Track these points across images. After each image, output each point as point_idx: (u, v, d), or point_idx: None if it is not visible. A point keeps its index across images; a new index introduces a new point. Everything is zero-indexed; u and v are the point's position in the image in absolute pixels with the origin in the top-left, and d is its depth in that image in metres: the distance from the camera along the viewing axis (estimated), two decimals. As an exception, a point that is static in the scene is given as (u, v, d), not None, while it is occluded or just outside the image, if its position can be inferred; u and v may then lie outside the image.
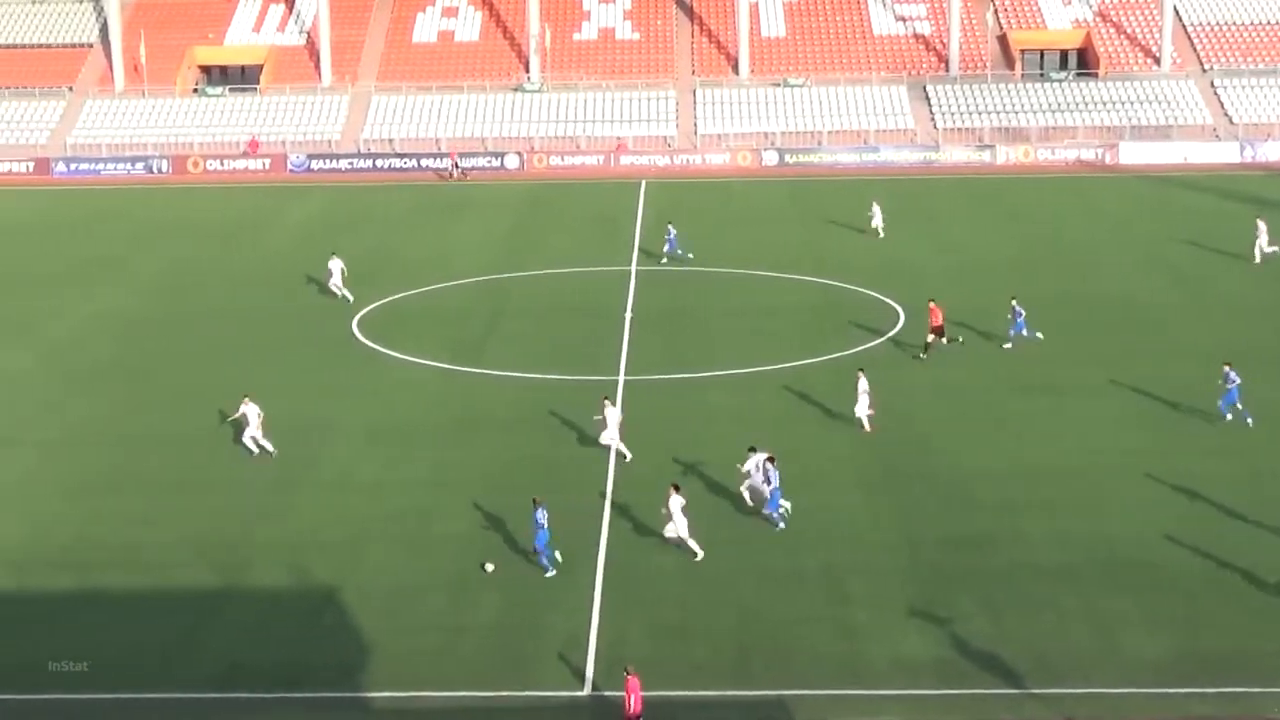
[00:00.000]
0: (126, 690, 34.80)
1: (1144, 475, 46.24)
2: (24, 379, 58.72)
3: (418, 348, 61.50)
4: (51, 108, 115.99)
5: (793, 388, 55.79)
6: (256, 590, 39.98)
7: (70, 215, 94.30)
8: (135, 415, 54.10)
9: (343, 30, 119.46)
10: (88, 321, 67.31)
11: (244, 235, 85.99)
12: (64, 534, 43.61)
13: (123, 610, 38.87)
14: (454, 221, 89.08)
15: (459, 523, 43.91)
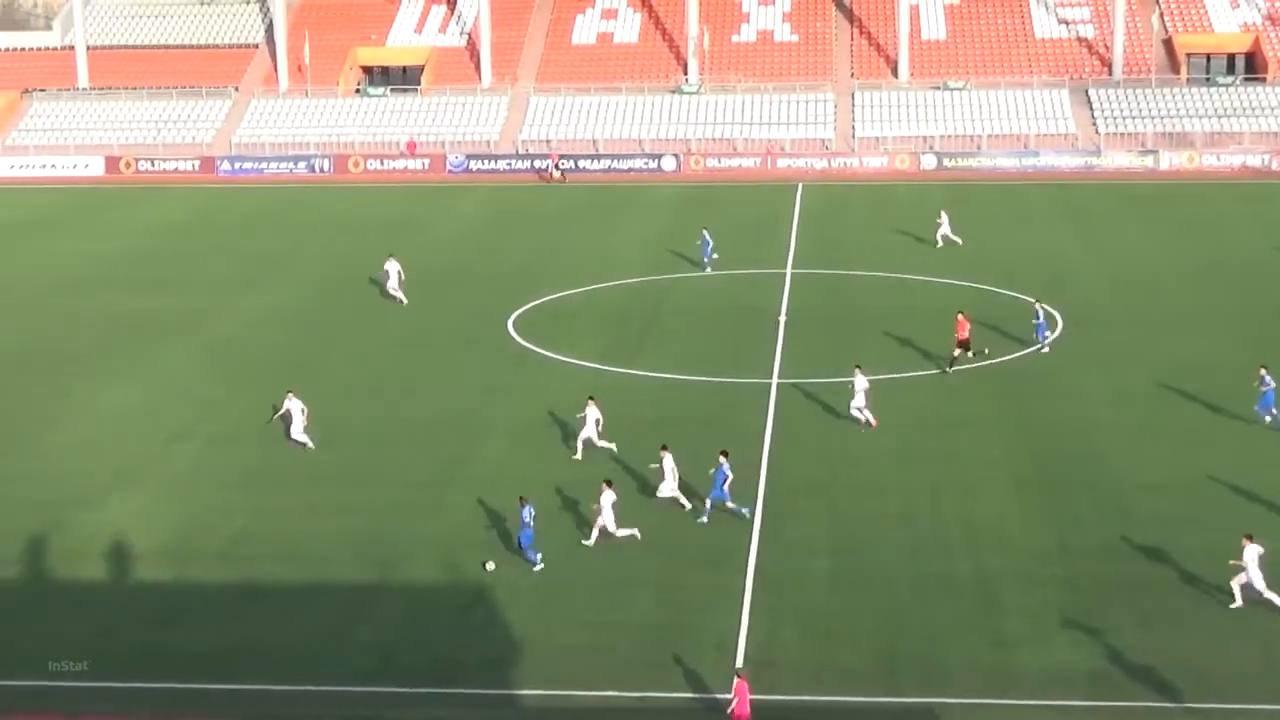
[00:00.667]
0: (282, 681, 35.27)
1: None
2: (191, 374, 59.72)
3: (572, 347, 61.74)
4: (217, 107, 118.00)
5: (946, 393, 55.30)
6: (410, 585, 40.32)
7: (234, 213, 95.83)
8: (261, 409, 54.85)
9: (503, 31, 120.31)
10: (251, 318, 68.33)
11: (403, 234, 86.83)
12: (228, 527, 44.30)
13: (281, 602, 39.40)
14: (611, 222, 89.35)
15: (610, 522, 43.99)
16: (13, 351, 63.31)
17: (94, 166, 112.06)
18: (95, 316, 68.49)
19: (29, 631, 38.11)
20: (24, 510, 45.24)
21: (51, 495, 46.47)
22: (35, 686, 35.27)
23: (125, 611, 39.15)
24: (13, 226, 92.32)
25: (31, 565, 41.99)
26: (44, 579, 41.24)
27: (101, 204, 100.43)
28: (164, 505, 45.81)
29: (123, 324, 67.13)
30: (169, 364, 61.22)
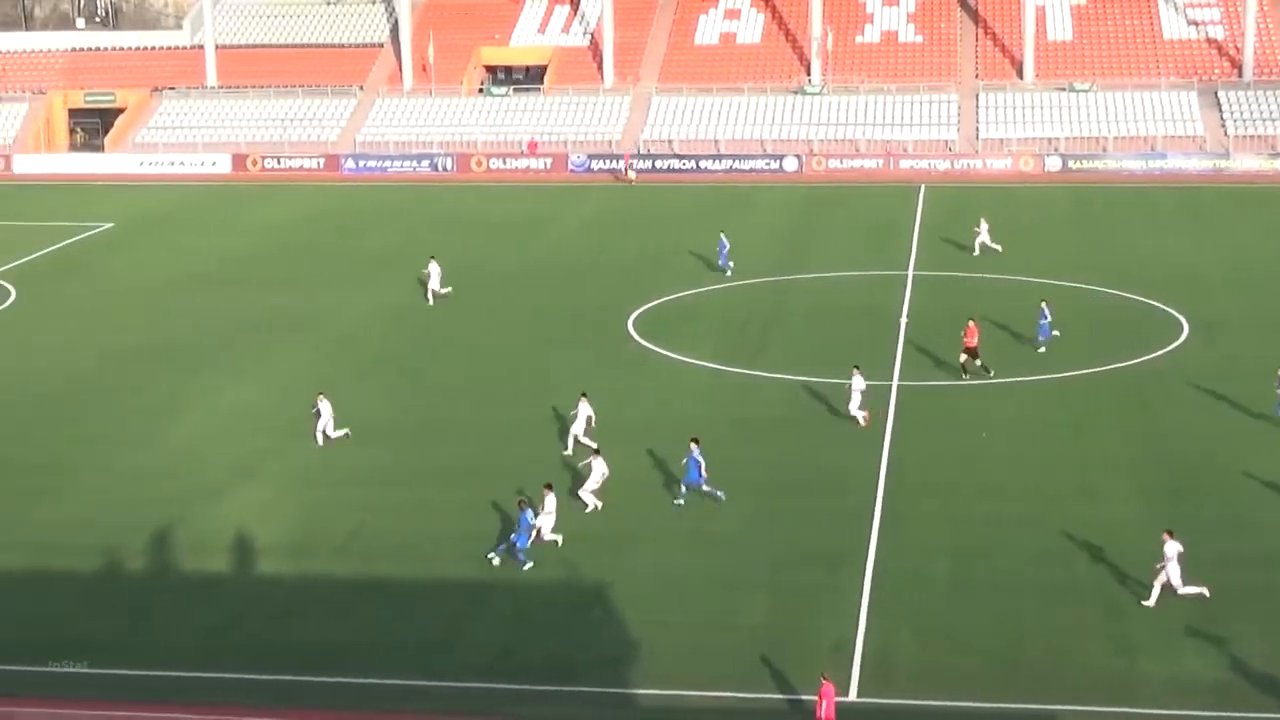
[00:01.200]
0: (399, 676, 35.48)
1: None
2: (311, 370, 60.24)
3: (692, 348, 61.68)
4: (342, 106, 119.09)
5: (1069, 397, 54.70)
6: (525, 582, 40.40)
7: (356, 211, 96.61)
8: (415, 407, 55.16)
9: (626, 32, 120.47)
10: (372, 315, 68.83)
11: (524, 233, 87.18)
12: (344, 522, 44.64)
13: (397, 598, 39.63)
14: (732, 223, 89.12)
15: (727, 522, 43.90)
16: (141, 346, 64.18)
17: (221, 164, 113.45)
18: (221, 312, 69.27)
19: (153, 622, 38.61)
20: (149, 503, 45.85)
21: (175, 489, 47.05)
22: (158, 677, 35.74)
23: (246, 604, 39.57)
24: (142, 223, 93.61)
25: (156, 557, 42.54)
26: (168, 571, 41.76)
27: (228, 201, 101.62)
28: (283, 500, 46.26)
29: (247, 320, 67.86)
30: (291, 360, 61.81)
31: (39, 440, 52.39)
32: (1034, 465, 47.96)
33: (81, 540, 43.45)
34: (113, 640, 37.57)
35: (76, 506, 46.01)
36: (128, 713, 34.14)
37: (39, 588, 40.73)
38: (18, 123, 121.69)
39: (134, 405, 56.17)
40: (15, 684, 35.46)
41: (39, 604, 39.80)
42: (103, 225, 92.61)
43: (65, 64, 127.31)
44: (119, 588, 40.84)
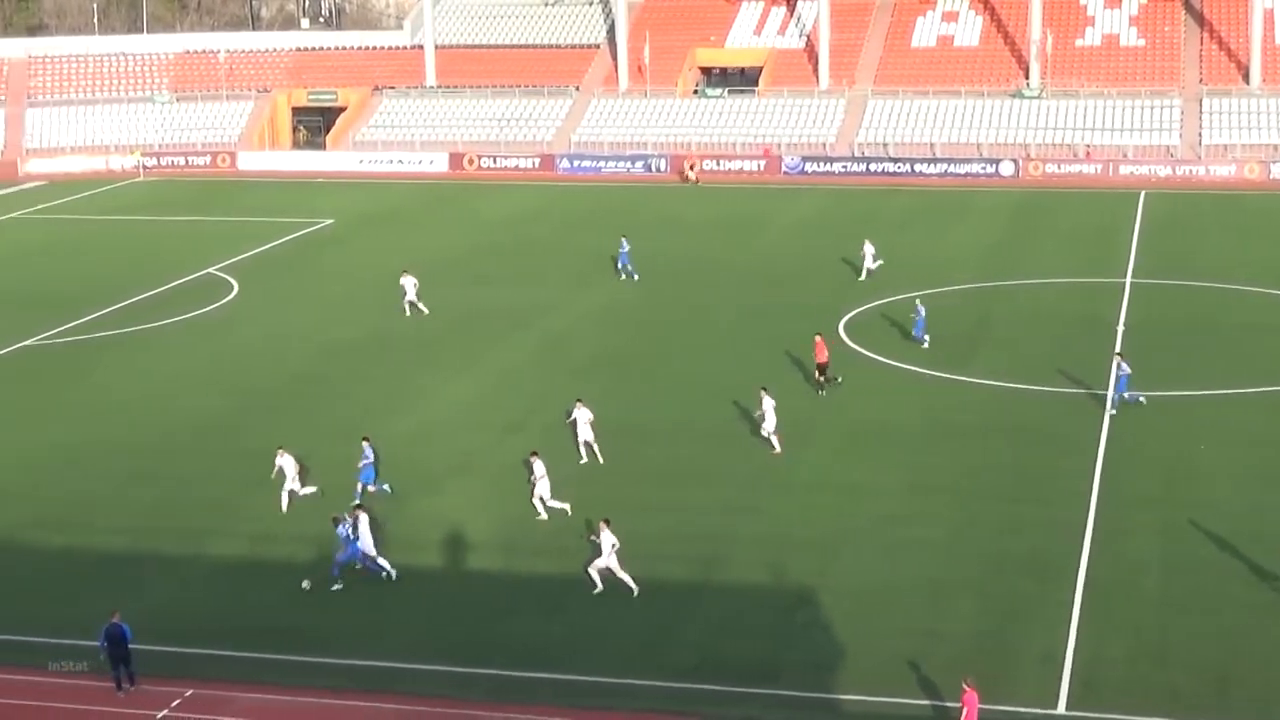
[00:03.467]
0: (607, 674, 35.79)
1: None
2: (527, 368, 60.92)
3: (902, 352, 61.29)
4: (558, 106, 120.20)
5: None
6: (734, 584, 40.54)
7: (571, 210, 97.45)
8: (625, 406, 55.48)
9: (842, 34, 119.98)
10: (587, 313, 69.39)
11: (737, 234, 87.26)
12: (554, 521, 45.09)
13: (608, 596, 39.95)
14: (947, 227, 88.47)
15: (934, 528, 43.62)
16: (360, 341, 65.42)
17: (438, 163, 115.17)
18: (439, 309, 70.27)
19: (370, 614, 39.36)
20: (366, 496, 46.67)
21: (392, 481, 47.84)
22: (372, 667, 36.45)
23: (460, 598, 40.18)
24: (361, 219, 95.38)
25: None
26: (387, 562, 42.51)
27: (445, 199, 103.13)
28: (496, 495, 46.86)
29: (464, 317, 68.82)
30: (506, 357, 62.56)
31: (258, 431, 53.63)
32: (1255, 480, 46.91)
33: (302, 530, 44.47)
34: (327, 630, 38.38)
35: (302, 498, 46.97)
36: (342, 701, 34.89)
37: (256, 577, 41.73)
38: (243, 120, 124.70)
39: (352, 399, 57.27)
40: (231, 670, 36.38)
41: (256, 593, 40.79)
42: (323, 222, 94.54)
43: (290, 63, 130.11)
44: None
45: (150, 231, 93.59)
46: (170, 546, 43.64)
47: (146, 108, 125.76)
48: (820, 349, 56.96)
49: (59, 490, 48.02)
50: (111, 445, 52.49)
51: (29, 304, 72.75)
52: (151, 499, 47.25)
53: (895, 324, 65.85)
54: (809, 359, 58.71)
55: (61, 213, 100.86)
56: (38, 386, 59.77)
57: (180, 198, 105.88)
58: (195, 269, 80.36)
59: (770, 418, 50.37)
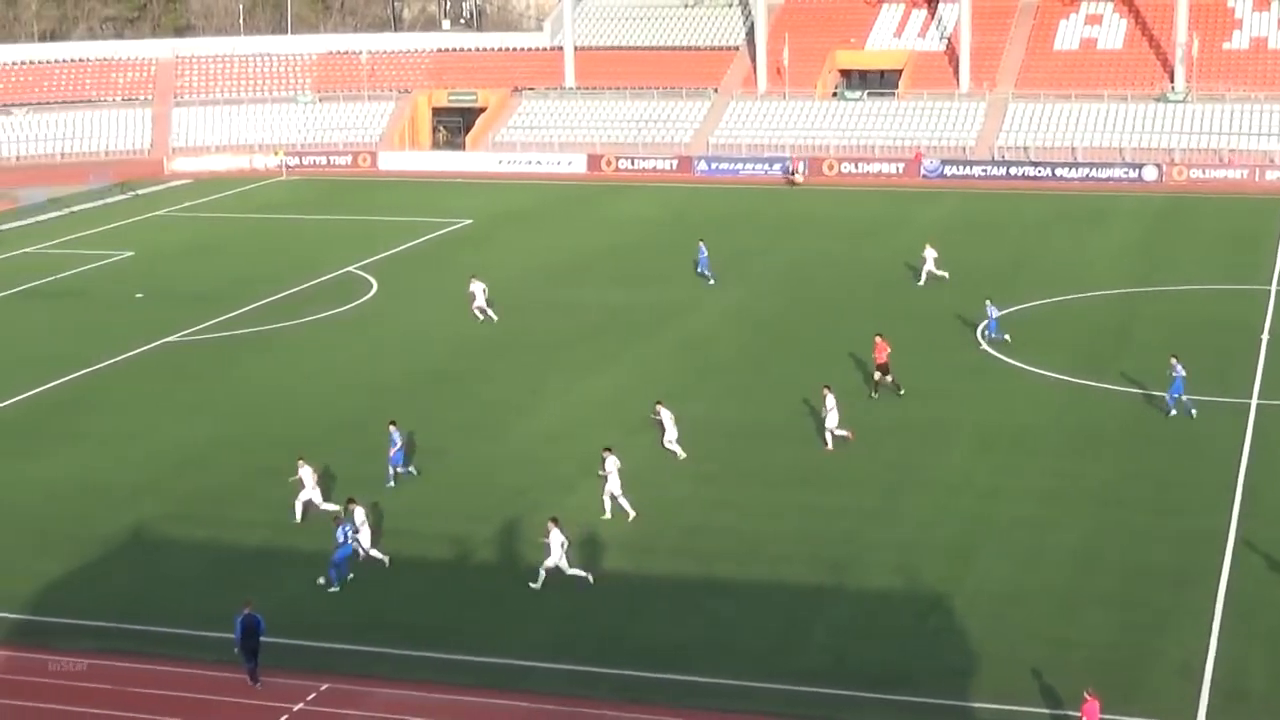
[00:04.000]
0: (737, 676, 35.66)
1: None
2: (659, 368, 60.97)
3: (1041, 357, 60.60)
4: (697, 108, 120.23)
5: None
6: (865, 589, 40.29)
7: (708, 212, 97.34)
8: (758, 408, 55.39)
9: (983, 37, 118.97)
10: (720, 314, 69.30)
11: (873, 237, 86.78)
12: (687, 520, 45.10)
13: (737, 598, 39.87)
14: (1087, 232, 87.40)
15: (1072, 535, 43.10)
16: (495, 340, 65.78)
17: (576, 164, 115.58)
18: (574, 309, 70.58)
19: (501, 612, 39.54)
20: (498, 494, 46.97)
21: (524, 480, 48.09)
22: (505, 665, 36.59)
23: (592, 598, 40.22)
24: (498, 219, 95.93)
25: (504, 548, 43.57)
26: (516, 562, 42.70)
27: (582, 200, 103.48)
28: (629, 495, 46.80)
29: (599, 317, 69.01)
30: (640, 357, 62.64)
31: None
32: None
33: (433, 527, 44.77)
34: (462, 627, 38.60)
35: (429, 495, 47.35)
36: (474, 698, 35.05)
37: (390, 573, 42.00)
38: (384, 120, 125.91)
39: (486, 397, 57.61)
40: (366, 665, 36.69)
41: (391, 589, 41.09)
42: (461, 221, 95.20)
43: (431, 64, 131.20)
44: (468, 576, 41.95)
45: (292, 230, 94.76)
46: (305, 541, 44.08)
47: (289, 108, 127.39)
48: (880, 349, 56.76)
49: (197, 484, 48.67)
50: (249, 440, 53.16)
51: (173, 300, 73.89)
52: (287, 495, 47.72)
53: (1033, 329, 65.13)
54: (941, 362, 58.24)
55: (206, 211, 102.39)
56: (179, 382, 60.66)
57: (321, 197, 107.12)
58: (335, 267, 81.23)
59: (833, 416, 50.63)
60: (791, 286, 74.52)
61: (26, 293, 77.49)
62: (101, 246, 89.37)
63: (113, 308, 73.28)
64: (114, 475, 49.65)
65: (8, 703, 34.77)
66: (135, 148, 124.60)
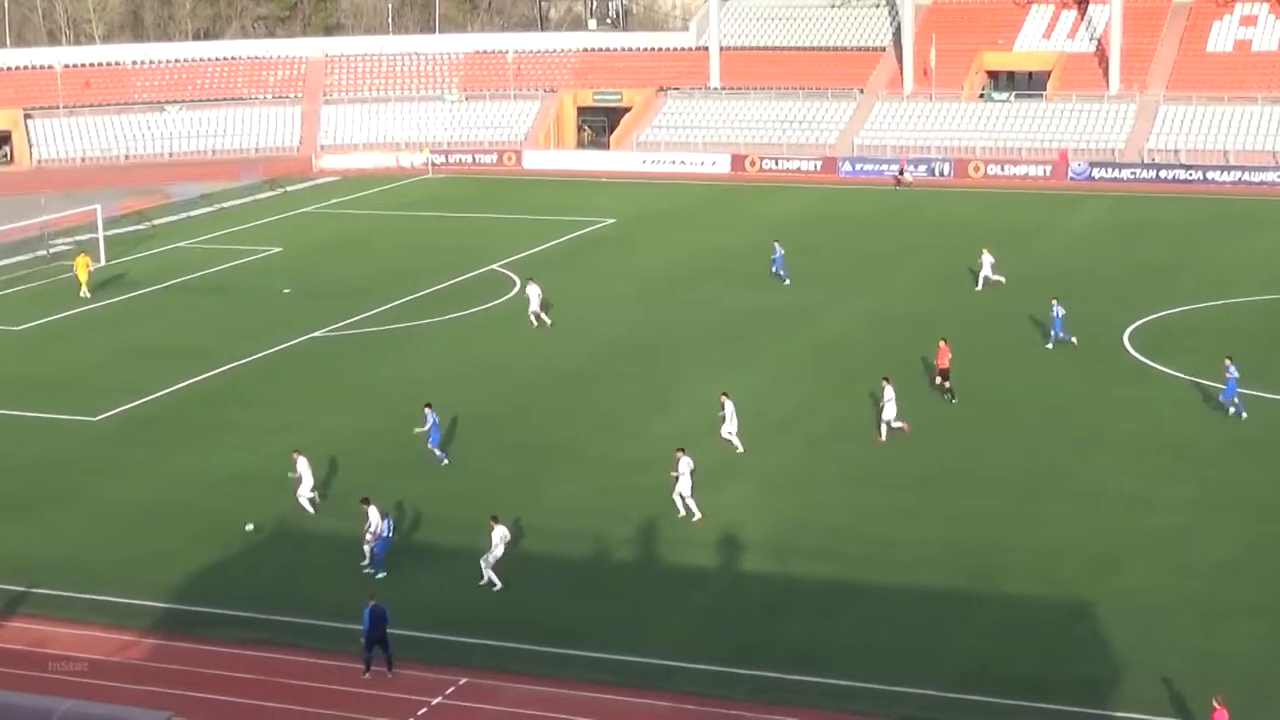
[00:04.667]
0: (876, 680, 35.47)
1: None
2: (799, 370, 60.80)
3: (1189, 364, 59.61)
4: (842, 109, 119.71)
5: None
6: (1007, 595, 39.90)
7: (852, 213, 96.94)
8: (902, 412, 54.94)
9: (1134, 38, 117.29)
10: (861, 317, 68.95)
11: (1019, 240, 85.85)
12: (826, 523, 44.92)
13: (877, 602, 39.67)
14: (1239, 237, 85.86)
15: (1224, 546, 42.39)
16: (635, 339, 65.90)
17: (720, 164, 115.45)
18: (714, 309, 70.55)
19: (639, 610, 39.62)
20: (639, 493, 47.04)
21: (661, 480, 48.04)
22: (644, 664, 36.62)
23: (730, 598, 40.22)
24: (641, 219, 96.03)
25: (645, 547, 43.65)
26: (654, 561, 42.79)
27: (725, 200, 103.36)
28: (767, 497, 46.78)
29: (739, 317, 68.90)
30: (779, 358, 62.47)
31: (529, 426, 54.43)
32: None
33: (575, 526, 44.95)
34: (600, 624, 38.70)
35: (571, 493, 47.48)
36: (610, 696, 35.12)
37: (534, 570, 42.24)
38: (529, 119, 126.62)
39: (626, 396, 57.72)
40: (503, 661, 36.92)
41: (530, 586, 41.29)
42: (604, 220, 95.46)
43: (576, 64, 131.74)
44: (607, 574, 42.09)
45: (436, 228, 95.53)
46: (443, 537, 44.43)
47: (436, 106, 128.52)
48: (942, 354, 56.59)
49: (341, 478, 49.15)
50: (391, 435, 53.61)
51: (319, 296, 74.80)
52: (425, 490, 48.16)
53: (1183, 336, 64.15)
54: (1086, 368, 57.51)
55: (352, 208, 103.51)
56: (324, 376, 61.38)
57: (466, 195, 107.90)
58: (479, 265, 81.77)
59: (890, 407, 51.30)
60: (933, 290, 73.93)
61: (178, 287, 78.81)
62: (250, 242, 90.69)
63: (261, 302, 74.33)
64: (260, 467, 50.33)
65: (157, 690, 35.38)
66: (284, 145, 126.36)
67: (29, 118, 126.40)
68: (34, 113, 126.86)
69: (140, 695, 34.59)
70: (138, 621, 39.39)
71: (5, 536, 45.27)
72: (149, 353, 65.31)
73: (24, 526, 46.11)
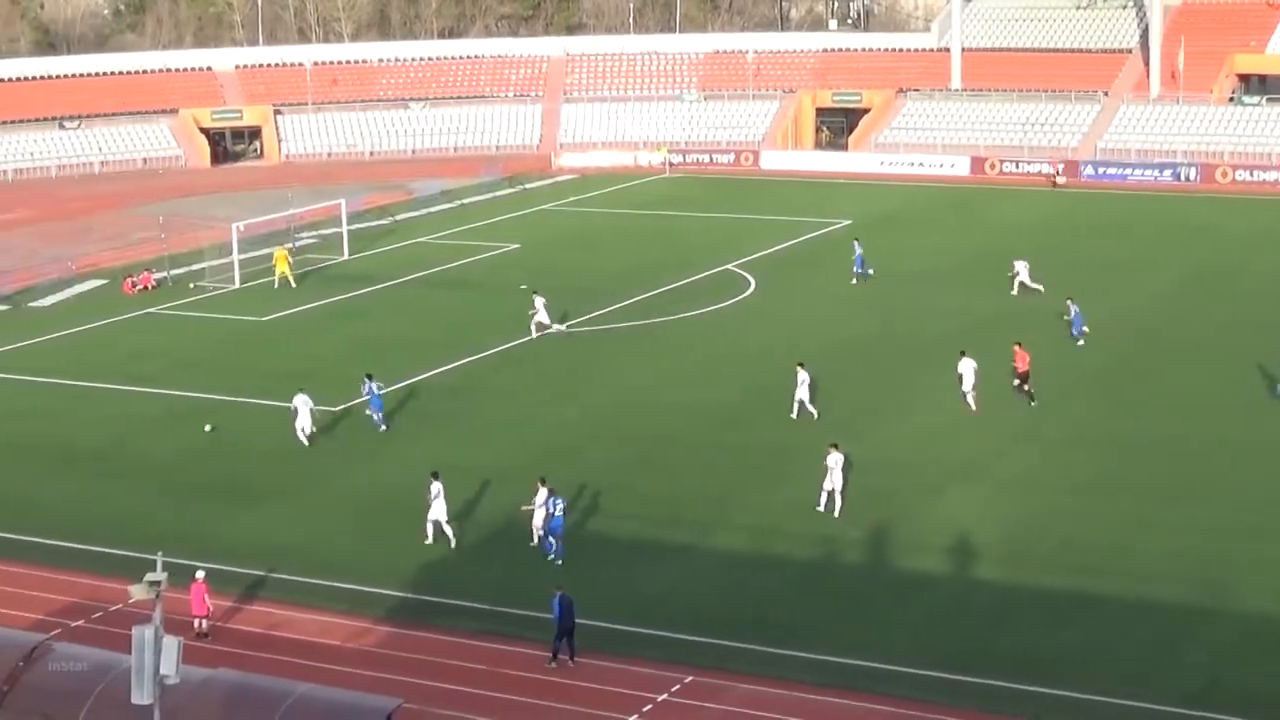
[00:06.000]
0: (1104, 693, 34.87)
1: None
2: (1040, 374, 59.71)
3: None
4: (1084, 112, 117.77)
5: None
6: (1245, 610, 38.95)
7: (1092, 218, 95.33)
8: (1135, 419, 54.05)
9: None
10: (1097, 322, 67.65)
11: (1267, 249, 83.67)
12: (1058, 532, 44.28)
13: (1108, 613, 39.02)
14: None
15: None
16: (866, 340, 65.57)
17: (959, 166, 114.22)
18: (946, 310, 69.92)
19: (867, 614, 39.44)
20: (869, 495, 46.78)
21: (891, 483, 47.83)
22: (868, 668, 36.50)
23: (957, 605, 39.87)
24: (880, 221, 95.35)
25: (873, 549, 43.46)
26: (883, 564, 42.57)
27: (963, 203, 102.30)
28: (999, 504, 46.24)
29: (975, 320, 68.14)
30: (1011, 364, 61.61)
31: (761, 426, 54.44)
32: None
33: (800, 526, 44.85)
34: (826, 627, 38.61)
35: (802, 493, 47.31)
36: (832, 699, 35.02)
37: (754, 569, 42.31)
38: (767, 120, 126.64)
39: (856, 397, 57.41)
40: (729, 660, 36.99)
41: (754, 585, 41.36)
42: (841, 222, 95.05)
43: (815, 64, 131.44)
44: (835, 576, 41.96)
45: (673, 227, 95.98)
46: (673, 535, 44.62)
47: (675, 106, 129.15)
48: (1020, 358, 56.48)
49: (569, 472, 49.49)
50: (621, 432, 54.06)
51: (556, 292, 75.30)
52: (654, 487, 48.42)
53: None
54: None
55: (590, 206, 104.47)
56: (557, 372, 62.04)
57: (703, 194, 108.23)
58: (714, 265, 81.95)
59: (969, 378, 54.81)
60: (1175, 297, 72.44)
61: (418, 281, 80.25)
62: (489, 238, 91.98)
63: (498, 298, 75.31)
64: (492, 459, 51.04)
65: (388, 676, 36.09)
66: (524, 143, 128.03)
67: (279, 114, 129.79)
68: (283, 109, 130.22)
69: (372, 682, 35.29)
70: (371, 609, 40.23)
71: (247, 522, 46.57)
72: (388, 345, 66.58)
73: (265, 513, 47.37)
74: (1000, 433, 52.79)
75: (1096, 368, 60.88)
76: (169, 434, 55.35)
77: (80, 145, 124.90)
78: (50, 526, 46.08)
